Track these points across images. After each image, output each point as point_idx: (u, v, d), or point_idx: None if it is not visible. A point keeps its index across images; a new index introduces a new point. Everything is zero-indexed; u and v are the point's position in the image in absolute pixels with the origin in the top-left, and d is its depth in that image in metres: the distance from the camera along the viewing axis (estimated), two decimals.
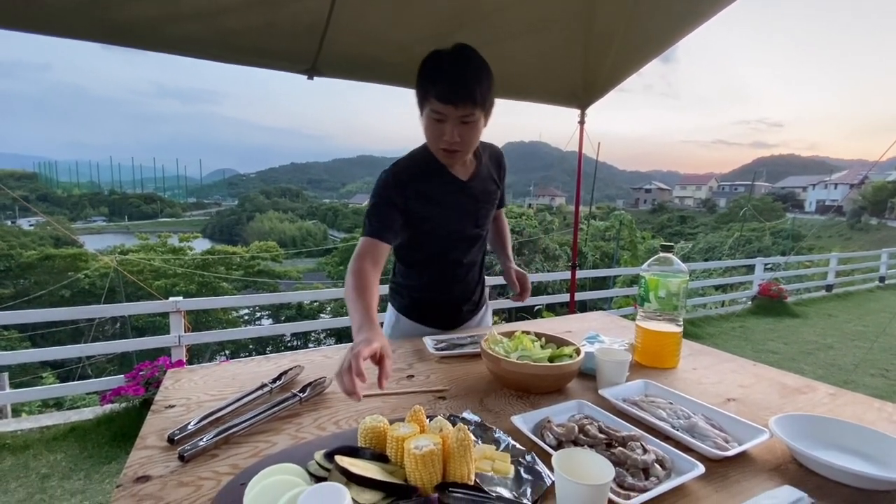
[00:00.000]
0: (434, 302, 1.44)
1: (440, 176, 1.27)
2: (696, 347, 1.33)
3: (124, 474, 0.71)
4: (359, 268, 1.12)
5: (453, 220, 1.33)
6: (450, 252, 1.37)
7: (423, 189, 1.25)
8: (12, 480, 2.30)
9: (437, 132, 1.15)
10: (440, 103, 1.10)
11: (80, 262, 16.90)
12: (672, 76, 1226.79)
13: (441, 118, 1.12)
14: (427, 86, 1.12)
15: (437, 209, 1.28)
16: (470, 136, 1.16)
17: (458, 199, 1.31)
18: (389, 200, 1.22)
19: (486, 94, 1.13)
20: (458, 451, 0.64)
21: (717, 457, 0.74)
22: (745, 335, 5.53)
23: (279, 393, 0.97)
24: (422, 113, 1.17)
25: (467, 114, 1.11)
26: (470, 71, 1.11)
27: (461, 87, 1.09)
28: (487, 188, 1.37)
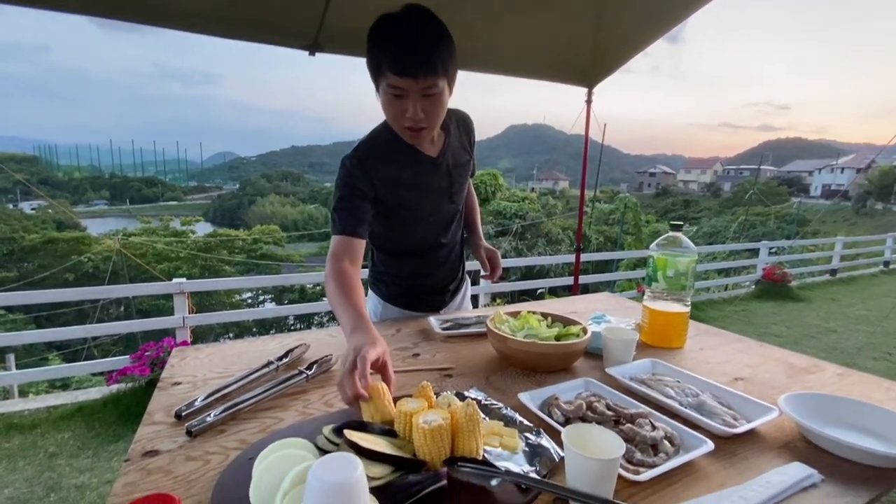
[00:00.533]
0: (420, 287, 1.38)
1: (408, 156, 1.16)
2: (702, 328, 1.32)
3: (132, 449, 0.71)
4: (338, 269, 1.03)
5: (429, 202, 1.23)
6: (429, 236, 1.30)
7: (390, 174, 1.14)
8: (20, 459, 2.34)
9: (398, 109, 1.03)
10: (397, 77, 0.97)
11: (83, 245, 16.97)
12: (679, 57, 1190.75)
13: (401, 93, 1.00)
14: (379, 58, 0.98)
15: (409, 193, 1.18)
16: (435, 111, 1.04)
17: (431, 179, 1.21)
18: (357, 191, 1.11)
19: (447, 62, 1.00)
20: (466, 426, 0.63)
21: (725, 434, 0.73)
22: (748, 319, 5.54)
23: (285, 371, 0.97)
24: (377, 89, 1.04)
25: (429, 86, 0.98)
26: (426, 36, 0.97)
27: (419, 56, 0.96)
28: (459, 160, 1.26)
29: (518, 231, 12.96)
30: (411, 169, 1.17)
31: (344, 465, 0.36)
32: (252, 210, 47.26)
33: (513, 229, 12.80)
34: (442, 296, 1.43)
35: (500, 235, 12.84)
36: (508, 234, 12.77)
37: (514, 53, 2.04)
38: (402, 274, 1.36)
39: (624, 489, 0.61)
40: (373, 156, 1.14)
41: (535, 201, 15.38)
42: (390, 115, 1.07)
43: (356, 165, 1.12)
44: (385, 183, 1.14)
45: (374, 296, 1.43)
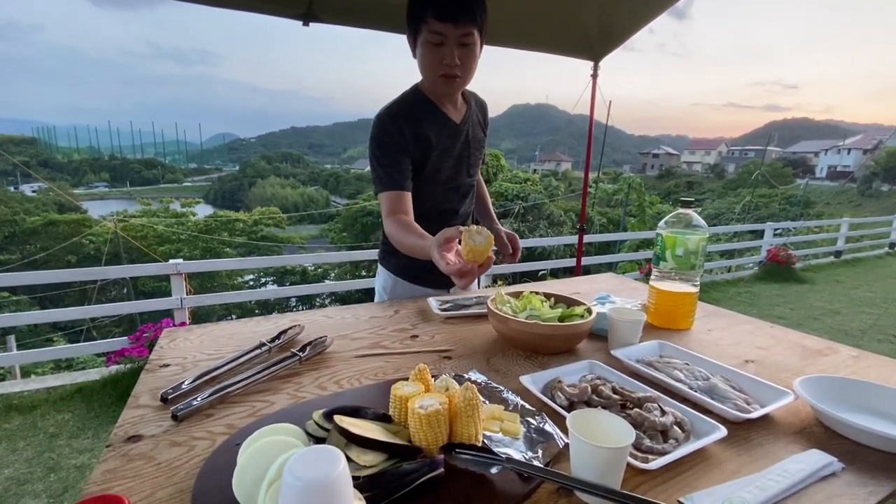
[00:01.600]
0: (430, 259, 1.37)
1: (434, 117, 1.22)
2: (710, 309, 1.28)
3: (115, 434, 0.68)
4: (397, 219, 1.12)
5: (450, 166, 1.27)
6: (446, 202, 1.32)
7: (419, 131, 1.19)
8: (20, 440, 2.35)
9: (437, 56, 1.10)
10: (440, 22, 1.05)
11: (84, 227, 16.95)
12: (685, 34, 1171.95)
13: (440, 40, 1.08)
14: (423, 6, 1.07)
15: (434, 152, 1.23)
16: (468, 61, 1.13)
17: (453, 143, 1.26)
18: (395, 146, 1.16)
19: (483, 16, 1.10)
20: (465, 411, 0.59)
21: (738, 419, 0.69)
22: (752, 300, 5.50)
23: (278, 352, 0.94)
24: (416, 44, 1.13)
25: (468, 33, 1.07)
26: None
27: (461, 2, 1.05)
28: (477, 134, 1.33)
29: (520, 213, 12.86)
30: (437, 130, 1.22)
31: (324, 460, 0.32)
32: (252, 192, 47.08)
33: (514, 211, 12.70)
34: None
35: (502, 217, 12.74)
36: (510, 216, 12.68)
37: (519, 25, 1.95)
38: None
39: (632, 478, 0.57)
40: (404, 113, 1.18)
41: (537, 183, 15.22)
42: (428, 63, 1.13)
43: (391, 122, 1.17)
44: (416, 139, 1.19)
45: (384, 271, 1.41)
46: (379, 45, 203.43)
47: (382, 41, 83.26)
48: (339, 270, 14.60)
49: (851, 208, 28.55)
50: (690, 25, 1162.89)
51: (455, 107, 1.27)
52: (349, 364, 0.91)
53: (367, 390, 0.80)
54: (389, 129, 1.16)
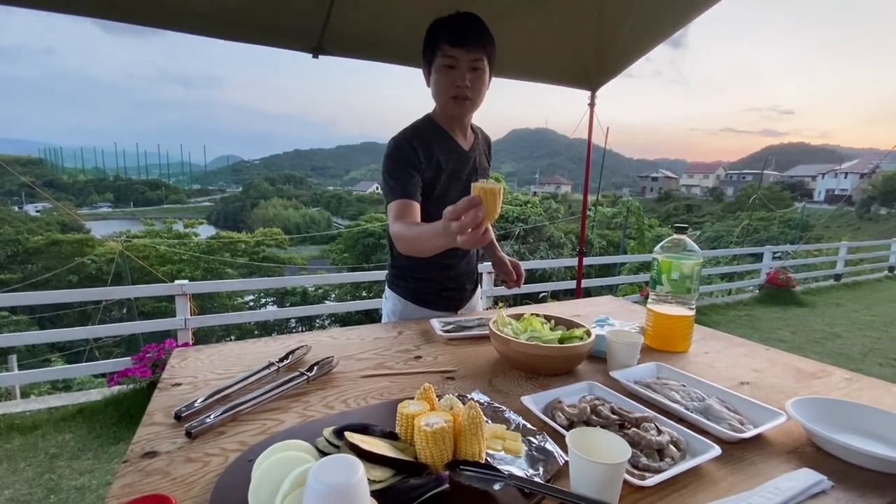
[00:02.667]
0: (440, 282, 1.42)
1: (446, 142, 1.30)
2: (706, 332, 1.31)
3: (131, 450, 0.70)
4: (402, 222, 1.14)
5: (458, 190, 1.33)
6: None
7: (431, 154, 1.27)
8: (21, 460, 2.34)
9: (449, 79, 1.20)
10: (452, 47, 1.16)
11: (87, 247, 17.04)
12: (682, 62, 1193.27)
13: (453, 63, 1.18)
14: (438, 35, 1.19)
15: (444, 175, 1.30)
16: (478, 84, 1.23)
17: (461, 168, 1.33)
18: (408, 161, 1.24)
19: (491, 47, 1.21)
20: (469, 429, 0.62)
21: (732, 439, 0.72)
22: (753, 323, 5.50)
23: (286, 372, 0.96)
24: (430, 71, 1.23)
25: (478, 58, 1.19)
26: (478, 23, 1.20)
27: (472, 31, 1.18)
28: (483, 163, 1.42)
29: (520, 235, 12.94)
30: (448, 154, 1.30)
31: (344, 467, 0.35)
32: (255, 213, 47.42)
33: (515, 233, 12.78)
34: (460, 293, 1.47)
35: (503, 239, 12.83)
36: (511, 238, 12.76)
37: (517, 56, 2.03)
38: (422, 266, 1.39)
39: (629, 494, 0.60)
40: (418, 137, 1.27)
41: (537, 205, 15.36)
42: (441, 85, 1.23)
43: (406, 142, 1.26)
44: (428, 161, 1.26)
45: (393, 295, 1.45)
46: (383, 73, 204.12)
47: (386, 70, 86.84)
48: (339, 291, 14.59)
49: (850, 231, 28.67)
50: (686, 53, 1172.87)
51: (464, 135, 1.35)
52: (355, 384, 0.94)
53: (374, 409, 0.83)
54: (403, 147, 1.25)
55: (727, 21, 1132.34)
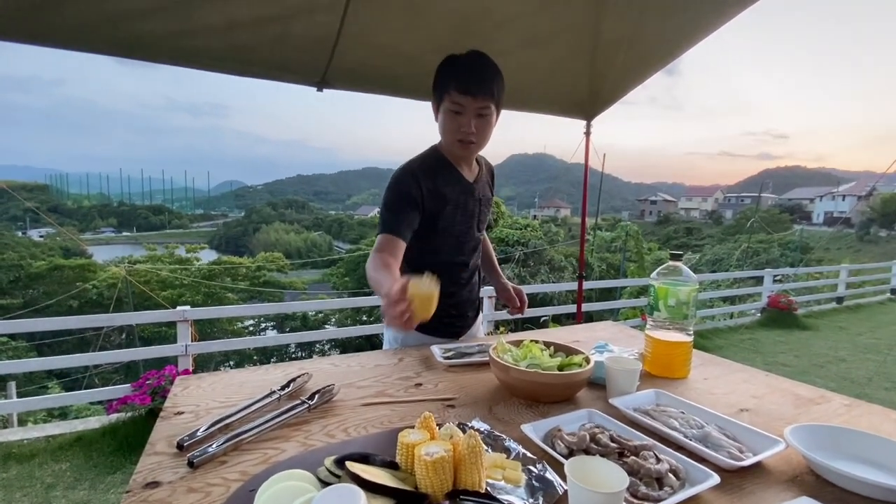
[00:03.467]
0: (442, 309, 1.41)
1: (451, 174, 1.33)
2: (706, 357, 1.32)
3: (134, 480, 0.71)
4: (379, 257, 1.16)
5: (461, 222, 1.36)
6: (458, 255, 1.41)
7: (435, 186, 1.29)
8: (17, 490, 2.30)
9: (456, 124, 1.22)
10: (460, 94, 1.18)
11: (89, 272, 17.07)
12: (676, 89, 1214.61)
13: (460, 110, 1.20)
14: (447, 79, 1.21)
15: (448, 207, 1.32)
16: (484, 130, 1.25)
17: (466, 200, 1.36)
18: (408, 196, 1.24)
19: (500, 92, 1.23)
20: (469, 458, 0.63)
21: (731, 467, 0.72)
22: (756, 347, 5.45)
23: (287, 400, 0.97)
24: (438, 110, 1.26)
25: (484, 106, 1.20)
26: (487, 68, 1.21)
27: (480, 79, 1.19)
28: (486, 194, 1.45)
29: (521, 258, 12.97)
30: (453, 187, 1.33)
31: (347, 497, 0.37)
32: (257, 237, 47.65)
33: (515, 256, 12.81)
34: (462, 321, 1.48)
35: (503, 263, 12.85)
36: (511, 262, 12.78)
37: (514, 89, 2.09)
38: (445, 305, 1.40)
39: None
40: (422, 170, 1.29)
41: (537, 229, 15.45)
42: (448, 129, 1.26)
43: (407, 175, 1.27)
44: (431, 194, 1.28)
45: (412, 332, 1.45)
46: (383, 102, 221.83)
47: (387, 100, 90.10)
48: (339, 316, 14.53)
49: (850, 254, 28.67)
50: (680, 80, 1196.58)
51: (469, 168, 1.38)
52: (356, 412, 0.94)
53: (375, 438, 0.83)
54: (406, 181, 1.26)
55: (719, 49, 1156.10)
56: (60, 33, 1.47)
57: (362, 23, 1.56)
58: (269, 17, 1.48)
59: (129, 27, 1.47)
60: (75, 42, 1.52)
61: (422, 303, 0.83)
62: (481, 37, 1.72)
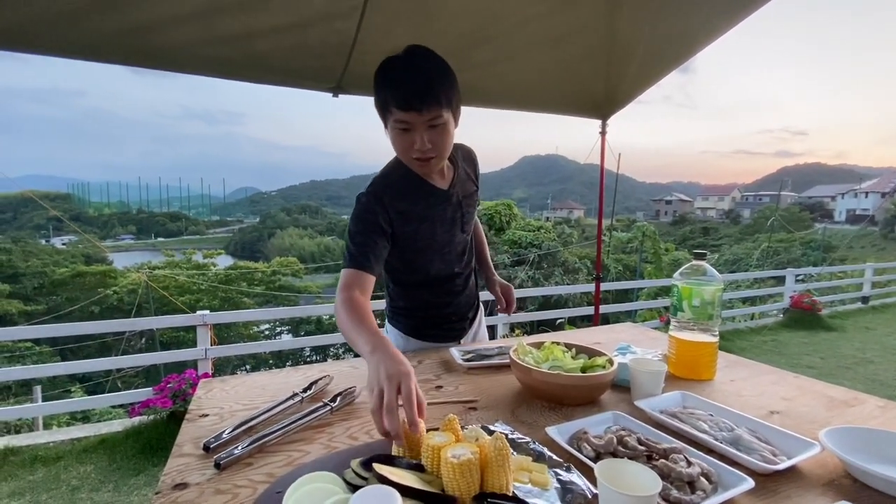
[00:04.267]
0: (439, 317, 1.39)
1: (420, 190, 1.20)
2: (731, 359, 1.29)
3: (163, 482, 0.72)
4: (348, 297, 1.03)
5: (441, 233, 1.26)
6: (445, 266, 1.32)
7: (405, 208, 1.17)
8: (43, 492, 2.35)
9: (407, 143, 1.07)
10: (402, 112, 1.02)
11: (110, 278, 17.49)
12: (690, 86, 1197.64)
13: (407, 127, 1.05)
14: (385, 96, 1.04)
15: (422, 225, 1.21)
16: (441, 141, 1.08)
17: (444, 211, 1.24)
18: (372, 226, 1.13)
19: (450, 94, 1.05)
20: (496, 461, 0.62)
21: (765, 471, 0.70)
22: (779, 349, 5.33)
23: (309, 403, 0.97)
24: (386, 126, 1.10)
25: (433, 117, 1.03)
26: (427, 72, 1.03)
27: (422, 90, 1.01)
28: (468, 190, 1.31)
29: (534, 260, 12.89)
30: (424, 202, 1.21)
31: (383, 498, 0.36)
32: (272, 242, 48.27)
33: (529, 259, 12.74)
34: (461, 324, 1.44)
35: (517, 265, 12.79)
36: (525, 264, 12.71)
37: (530, 89, 2.10)
38: (420, 306, 1.38)
39: None
40: (388, 192, 1.16)
41: (550, 230, 15.34)
42: (399, 148, 1.11)
43: (372, 201, 1.15)
44: (400, 216, 1.17)
45: (393, 329, 1.43)
46: None
47: None
48: None
49: (875, 252, 27.85)
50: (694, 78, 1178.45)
51: (441, 174, 1.24)
52: None
53: None
54: (371, 208, 1.14)
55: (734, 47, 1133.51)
56: (84, 45, 1.52)
57: (378, 28, 1.57)
58: (288, 26, 1.50)
59: (152, 37, 1.51)
60: (98, 53, 1.56)
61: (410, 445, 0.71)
62: (496, 39, 1.72)
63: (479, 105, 2.12)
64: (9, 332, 4.47)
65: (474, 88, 1.95)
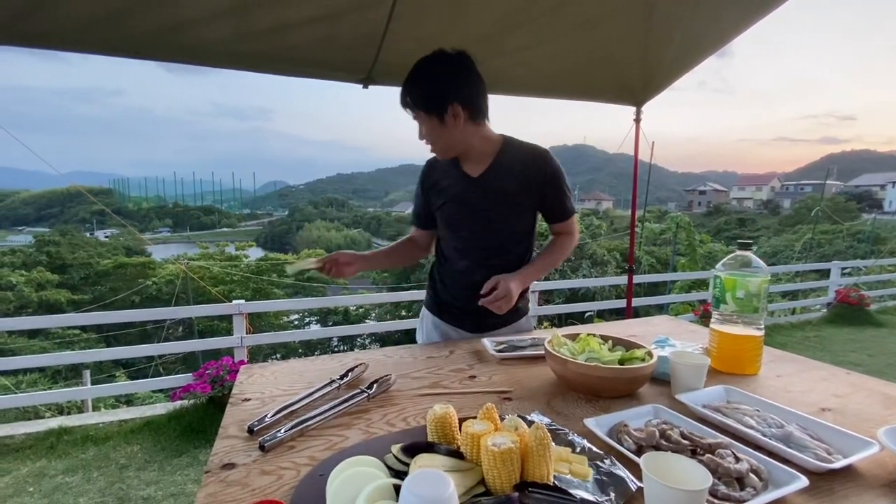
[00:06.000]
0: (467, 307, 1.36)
1: (452, 170, 1.37)
2: (777, 353, 1.24)
3: (211, 461, 0.75)
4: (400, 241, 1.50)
5: (464, 216, 1.36)
6: (473, 255, 1.38)
7: (438, 180, 1.39)
8: (94, 470, 2.50)
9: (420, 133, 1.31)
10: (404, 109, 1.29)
11: (149, 269, 18.31)
12: (727, 71, 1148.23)
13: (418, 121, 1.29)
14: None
15: (447, 203, 1.37)
16: (432, 136, 1.28)
17: (467, 195, 1.34)
18: (421, 185, 1.44)
19: (420, 98, 1.24)
20: (537, 451, 0.62)
21: (820, 469, 0.67)
22: (823, 345, 5.09)
23: (346, 390, 0.99)
24: None
25: (416, 116, 1.27)
26: (417, 77, 1.24)
27: (404, 94, 1.26)
28: (505, 187, 1.30)
29: None
30: (451, 180, 1.37)
31: (437, 482, 0.37)
32: (300, 235, 49.36)
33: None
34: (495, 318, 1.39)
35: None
36: None
37: (562, 76, 2.05)
38: (450, 286, 1.43)
39: None
40: (431, 164, 1.43)
41: (577, 222, 15.07)
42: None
43: (425, 169, 1.45)
44: (434, 187, 1.40)
45: (430, 315, 1.48)
46: None
47: None
48: (379, 310, 14.83)
49: None
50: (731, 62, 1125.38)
51: (478, 161, 1.33)
52: (413, 402, 0.95)
53: None
54: (423, 172, 1.44)
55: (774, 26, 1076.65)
56: (126, 43, 1.57)
57: (409, 17, 1.56)
58: (320, 17, 1.51)
59: (189, 34, 1.54)
60: (139, 51, 1.61)
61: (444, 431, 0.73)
62: (528, 24, 1.68)
63: (509, 93, 2.08)
64: (61, 319, 4.75)
65: (505, 75, 1.92)
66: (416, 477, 0.38)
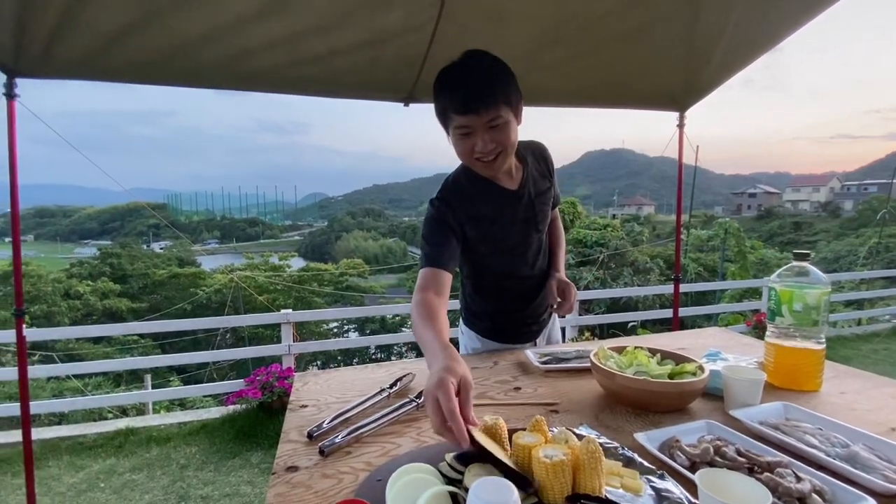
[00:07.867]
0: (513, 320, 1.40)
1: (489, 192, 1.21)
2: (840, 369, 1.18)
3: (276, 463, 0.80)
4: (423, 298, 1.04)
5: (514, 234, 1.27)
6: (518, 268, 1.32)
7: (474, 212, 1.19)
8: (158, 468, 2.68)
9: (468, 146, 1.08)
10: (462, 116, 1.04)
11: (200, 279, 19.37)
12: (777, 67, 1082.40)
13: (468, 131, 1.06)
14: (444, 103, 1.07)
15: (494, 227, 1.22)
16: (504, 138, 1.08)
17: (515, 211, 1.24)
18: (445, 226, 1.17)
19: (508, 92, 1.05)
20: (588, 463, 0.63)
21: (889, 492, 0.64)
22: (892, 359, 4.70)
23: (396, 398, 1.03)
24: (448, 133, 1.12)
25: (493, 118, 1.04)
26: (483, 72, 1.05)
27: (480, 92, 1.02)
28: (541, 189, 1.29)
29: (602, 261, 12.40)
30: (493, 204, 1.22)
31: (502, 489, 0.39)
32: (338, 245, 50.75)
33: (598, 259, 12.27)
34: (536, 326, 1.44)
35: (582, 265, 12.39)
36: (591, 264, 12.27)
37: (603, 86, 2.05)
38: (495, 309, 1.40)
39: None
40: (457, 196, 1.20)
41: (618, 228, 14.65)
42: (461, 153, 1.12)
43: (443, 206, 1.19)
44: (470, 220, 1.19)
45: (468, 331, 1.46)
46: None
47: None
48: None
49: None
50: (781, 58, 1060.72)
51: (510, 175, 1.23)
52: None
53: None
54: (442, 211, 1.18)
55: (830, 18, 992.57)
56: (190, 74, 1.72)
57: (450, 38, 1.61)
58: (366, 42, 1.59)
59: (245, 64, 1.67)
60: (201, 80, 1.75)
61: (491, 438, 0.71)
62: (569, 37, 1.69)
63: (548, 104, 2.10)
64: (124, 328, 5.11)
65: (543, 88, 1.94)
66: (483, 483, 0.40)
